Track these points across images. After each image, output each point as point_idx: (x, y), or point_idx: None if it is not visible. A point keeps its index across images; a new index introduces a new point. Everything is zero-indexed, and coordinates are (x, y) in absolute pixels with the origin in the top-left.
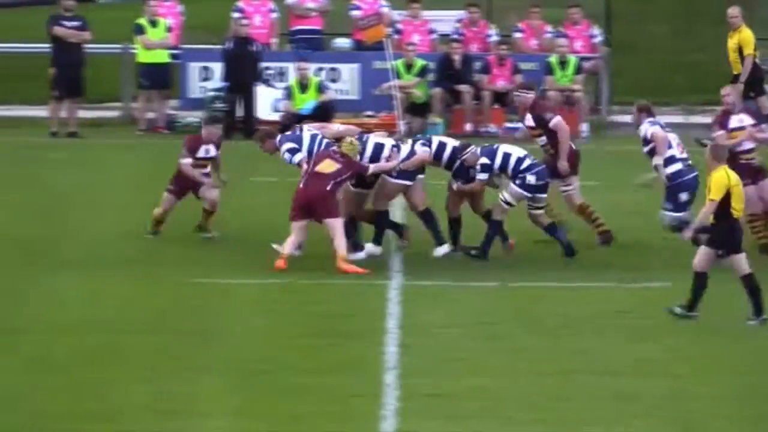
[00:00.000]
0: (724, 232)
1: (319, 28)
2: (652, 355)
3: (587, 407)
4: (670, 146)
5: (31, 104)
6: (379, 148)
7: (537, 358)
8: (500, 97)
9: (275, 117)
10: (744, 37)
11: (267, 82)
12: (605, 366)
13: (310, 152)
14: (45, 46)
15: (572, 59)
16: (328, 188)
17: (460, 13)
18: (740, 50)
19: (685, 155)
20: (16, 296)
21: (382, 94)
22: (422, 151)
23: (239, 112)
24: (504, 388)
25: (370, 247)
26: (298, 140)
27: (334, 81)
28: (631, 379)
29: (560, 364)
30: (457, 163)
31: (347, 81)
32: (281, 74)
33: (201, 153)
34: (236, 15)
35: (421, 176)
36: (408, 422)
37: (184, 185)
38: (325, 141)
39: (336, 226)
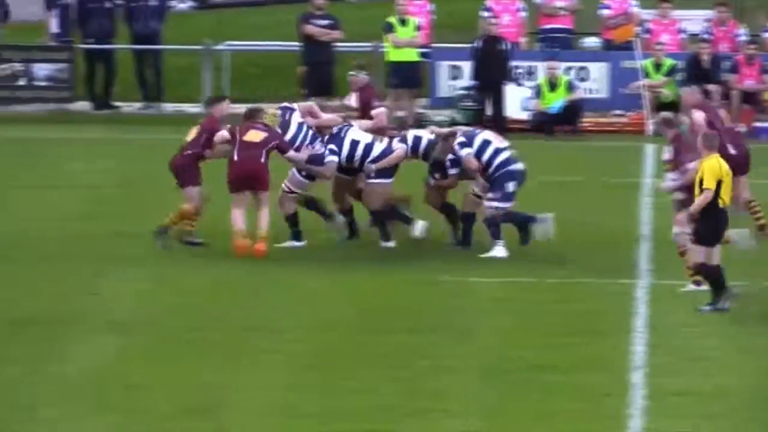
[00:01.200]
0: (710, 223)
1: (569, 27)
2: None
3: None
4: (489, 142)
5: (281, 102)
6: (354, 144)
7: None
8: (749, 97)
9: (524, 116)
10: None
11: (516, 81)
12: None
13: (292, 142)
14: (295, 45)
15: None
16: (263, 160)
17: (709, 13)
18: None
19: (507, 144)
20: (267, 296)
21: (631, 93)
22: (398, 148)
23: (488, 110)
24: (751, 388)
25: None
26: (285, 125)
27: (583, 80)
28: None
29: None
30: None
31: (596, 80)
32: (530, 73)
33: None
34: (485, 14)
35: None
36: (655, 421)
37: None
38: (311, 132)
39: (266, 201)
